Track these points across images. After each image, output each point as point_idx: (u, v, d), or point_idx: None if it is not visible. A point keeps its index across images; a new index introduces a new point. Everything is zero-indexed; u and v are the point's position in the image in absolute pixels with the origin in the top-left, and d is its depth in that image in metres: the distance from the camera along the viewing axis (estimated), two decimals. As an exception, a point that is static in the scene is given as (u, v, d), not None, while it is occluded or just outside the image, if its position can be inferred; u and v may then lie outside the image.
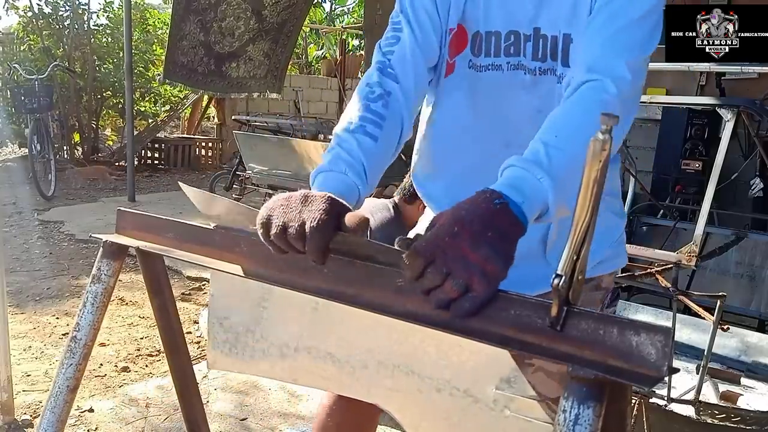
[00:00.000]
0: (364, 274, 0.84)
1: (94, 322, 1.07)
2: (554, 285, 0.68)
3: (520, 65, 1.10)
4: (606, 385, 0.66)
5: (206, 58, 6.13)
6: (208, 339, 1.20)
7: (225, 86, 6.49)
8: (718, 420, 1.95)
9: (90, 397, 2.56)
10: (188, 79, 6.19)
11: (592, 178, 0.65)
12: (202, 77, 6.21)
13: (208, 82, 6.35)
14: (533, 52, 1.09)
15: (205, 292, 3.89)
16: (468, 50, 1.14)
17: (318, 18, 13.65)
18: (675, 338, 2.36)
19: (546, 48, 1.08)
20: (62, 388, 1.06)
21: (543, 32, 1.08)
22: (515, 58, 1.10)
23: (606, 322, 0.68)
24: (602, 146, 0.64)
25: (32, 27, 8.84)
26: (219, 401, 2.59)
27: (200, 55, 6.07)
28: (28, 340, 3.08)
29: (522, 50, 1.10)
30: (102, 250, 1.09)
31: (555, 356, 0.70)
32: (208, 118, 11.45)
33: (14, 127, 8.76)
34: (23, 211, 5.93)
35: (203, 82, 6.35)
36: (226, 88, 6.54)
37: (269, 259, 0.92)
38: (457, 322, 0.75)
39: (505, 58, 1.11)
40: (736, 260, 3.00)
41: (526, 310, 0.73)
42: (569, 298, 0.69)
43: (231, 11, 6.09)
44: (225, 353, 1.14)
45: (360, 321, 0.96)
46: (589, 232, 0.67)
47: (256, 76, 6.61)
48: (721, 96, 5.15)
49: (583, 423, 0.65)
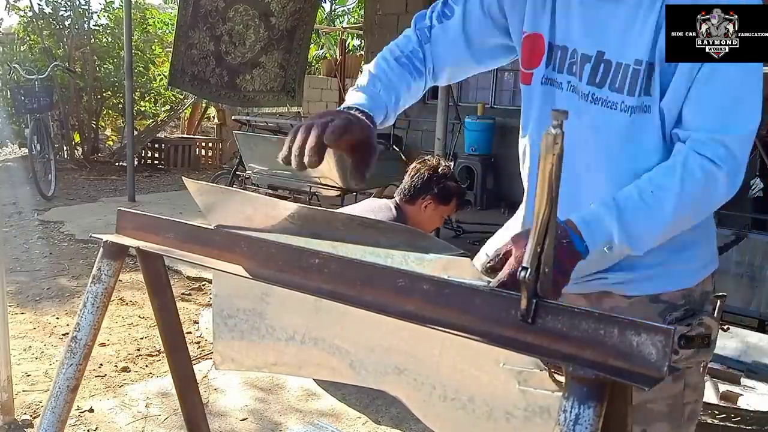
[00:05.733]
0: (365, 274, 0.84)
1: (94, 322, 1.07)
2: (521, 277, 0.70)
3: (591, 91, 1.07)
4: (606, 385, 0.66)
5: (218, 69, 6.01)
6: (214, 339, 1.21)
7: (239, 99, 6.33)
8: (718, 420, 1.95)
9: (90, 397, 2.56)
10: (200, 90, 6.06)
11: (548, 170, 0.67)
12: (216, 89, 6.09)
13: (222, 95, 6.22)
14: (592, 76, 1.06)
15: (205, 292, 3.89)
16: (543, 63, 1.13)
17: (318, 18, 13.64)
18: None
19: (618, 76, 1.05)
20: (62, 388, 1.06)
21: (607, 57, 1.05)
22: (593, 84, 1.07)
23: (606, 322, 0.68)
24: (554, 140, 0.66)
25: (32, 27, 8.84)
26: (219, 401, 2.59)
27: (212, 65, 5.95)
28: (28, 340, 3.08)
29: (593, 74, 1.07)
30: (102, 250, 1.09)
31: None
32: (209, 118, 11.45)
33: (14, 127, 8.75)
34: (23, 211, 5.93)
35: (216, 95, 6.21)
36: (241, 101, 6.38)
37: (269, 258, 0.92)
38: (454, 322, 0.75)
39: (575, 78, 1.09)
40: (736, 260, 3.00)
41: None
42: (537, 291, 0.71)
43: (239, 18, 6.03)
44: (231, 351, 1.15)
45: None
46: (551, 224, 0.69)
47: (273, 90, 6.51)
48: (721, 96, 5.15)
49: (584, 423, 0.65)
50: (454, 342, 0.89)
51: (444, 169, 2.65)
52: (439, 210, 2.65)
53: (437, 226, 2.99)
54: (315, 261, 0.88)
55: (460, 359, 0.92)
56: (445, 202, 2.65)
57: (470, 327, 0.75)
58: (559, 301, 0.72)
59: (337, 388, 2.66)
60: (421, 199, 2.60)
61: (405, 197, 2.62)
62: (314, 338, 1.05)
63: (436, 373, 0.95)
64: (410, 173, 2.65)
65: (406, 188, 2.62)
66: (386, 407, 2.54)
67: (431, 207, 2.62)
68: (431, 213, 2.64)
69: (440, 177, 2.62)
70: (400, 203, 2.62)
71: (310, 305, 1.04)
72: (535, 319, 0.71)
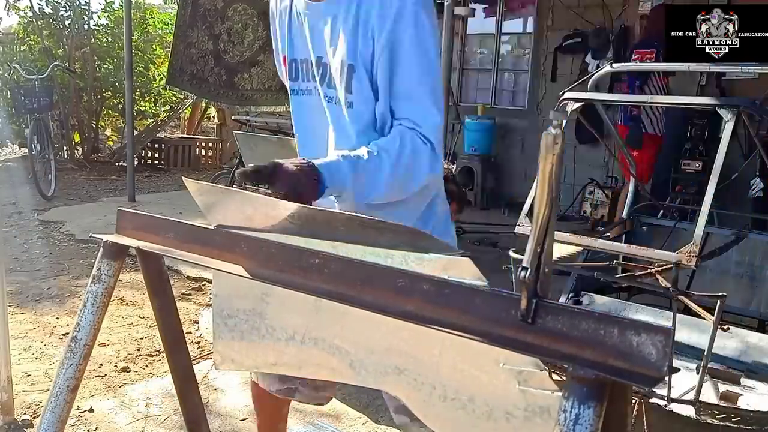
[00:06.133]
0: (365, 274, 0.84)
1: (94, 322, 1.07)
2: (521, 278, 0.70)
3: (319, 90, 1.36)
4: (606, 385, 0.66)
5: (217, 68, 6.01)
6: (214, 339, 1.21)
7: (238, 99, 6.34)
8: (718, 420, 1.95)
9: (90, 397, 2.56)
10: (199, 89, 6.08)
11: (548, 171, 0.66)
12: (214, 88, 6.10)
13: (220, 94, 6.23)
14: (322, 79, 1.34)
15: (205, 292, 3.89)
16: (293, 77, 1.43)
17: (318, 18, 13.63)
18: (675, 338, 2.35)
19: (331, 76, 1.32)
20: (62, 388, 1.06)
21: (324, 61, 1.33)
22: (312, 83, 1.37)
23: (606, 322, 0.68)
24: (554, 140, 0.66)
25: (33, 27, 8.84)
26: (219, 401, 2.59)
27: (210, 64, 5.96)
28: (28, 340, 3.08)
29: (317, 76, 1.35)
30: (102, 250, 1.09)
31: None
32: (208, 118, 11.45)
33: (14, 127, 8.75)
34: (23, 211, 5.93)
35: (215, 94, 6.22)
36: (240, 100, 6.40)
37: (269, 258, 0.92)
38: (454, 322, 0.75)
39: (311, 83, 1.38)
40: (736, 260, 3.00)
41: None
42: (537, 291, 0.70)
43: (238, 17, 6.03)
44: (231, 351, 1.15)
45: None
46: (551, 224, 0.68)
47: (271, 89, 6.51)
48: (721, 96, 5.16)
49: (584, 423, 0.65)
50: (454, 342, 0.89)
51: (444, 172, 2.64)
52: None
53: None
54: (315, 261, 0.88)
55: (460, 359, 0.92)
56: None
57: (470, 327, 0.75)
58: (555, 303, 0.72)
59: (337, 388, 2.66)
60: None
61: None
62: (314, 338, 1.05)
63: (436, 373, 0.95)
64: None
65: None
66: (386, 407, 2.53)
67: None
68: None
69: None
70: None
71: (310, 305, 1.04)
72: (535, 319, 0.71)
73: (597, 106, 2.95)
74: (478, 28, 7.95)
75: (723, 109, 2.11)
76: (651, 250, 2.23)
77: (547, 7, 7.06)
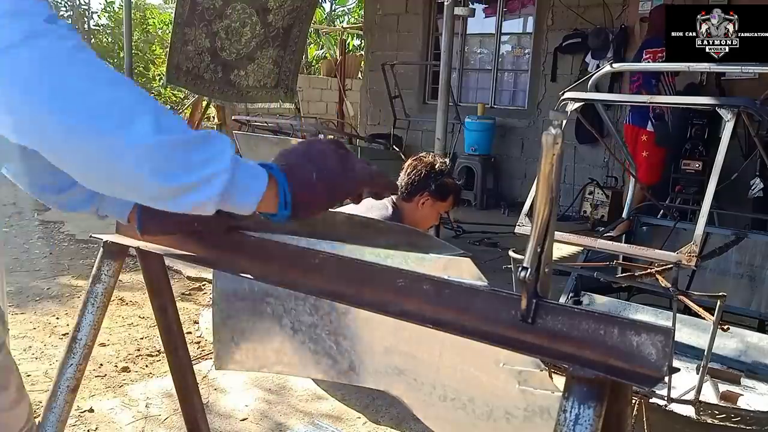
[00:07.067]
0: (365, 274, 0.84)
1: (94, 322, 1.07)
2: (521, 278, 0.70)
3: None
4: (606, 385, 0.66)
5: (213, 65, 6.03)
6: (214, 340, 1.21)
7: (233, 95, 6.39)
8: (718, 420, 1.95)
9: (90, 397, 2.56)
10: (194, 85, 6.10)
11: (548, 171, 0.67)
12: (210, 84, 6.13)
13: (215, 90, 6.25)
14: None
15: (205, 292, 3.89)
16: None
17: (318, 18, 13.66)
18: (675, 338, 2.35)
19: None
20: (62, 388, 1.06)
21: None
22: None
23: (606, 322, 0.68)
24: (554, 140, 0.66)
25: (32, 27, 8.84)
26: (219, 401, 2.59)
27: (206, 61, 5.98)
28: (28, 340, 3.08)
29: None
30: (102, 250, 1.09)
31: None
32: (208, 118, 11.44)
33: (14, 127, 8.74)
34: (23, 211, 5.93)
35: (210, 90, 6.24)
36: (235, 97, 6.43)
37: (269, 258, 0.92)
38: (454, 322, 0.75)
39: None
40: (736, 260, 3.00)
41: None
42: (537, 291, 0.70)
43: (237, 15, 6.05)
44: (231, 352, 1.15)
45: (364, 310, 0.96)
46: (551, 224, 0.68)
47: (266, 86, 6.54)
48: (721, 96, 5.16)
49: (584, 423, 0.65)
50: (454, 342, 0.89)
51: (441, 166, 2.64)
52: (436, 206, 2.65)
53: (434, 224, 2.98)
54: (315, 261, 0.88)
55: (460, 359, 0.92)
56: (443, 198, 2.64)
57: (470, 327, 0.75)
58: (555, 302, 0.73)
59: (337, 388, 2.66)
60: (418, 196, 2.59)
61: (402, 194, 2.60)
62: (314, 338, 1.05)
63: (436, 374, 0.95)
64: (406, 170, 2.64)
65: (402, 185, 2.60)
66: (386, 407, 2.53)
67: (428, 204, 2.61)
68: (428, 210, 2.63)
69: (437, 173, 2.61)
70: (396, 200, 2.61)
71: (309, 305, 1.04)
72: (535, 319, 0.71)
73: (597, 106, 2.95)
74: (478, 28, 7.96)
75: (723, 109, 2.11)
76: (651, 250, 2.23)
77: (547, 7, 7.06)
